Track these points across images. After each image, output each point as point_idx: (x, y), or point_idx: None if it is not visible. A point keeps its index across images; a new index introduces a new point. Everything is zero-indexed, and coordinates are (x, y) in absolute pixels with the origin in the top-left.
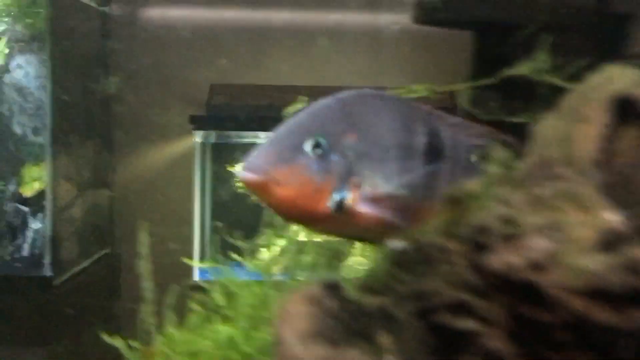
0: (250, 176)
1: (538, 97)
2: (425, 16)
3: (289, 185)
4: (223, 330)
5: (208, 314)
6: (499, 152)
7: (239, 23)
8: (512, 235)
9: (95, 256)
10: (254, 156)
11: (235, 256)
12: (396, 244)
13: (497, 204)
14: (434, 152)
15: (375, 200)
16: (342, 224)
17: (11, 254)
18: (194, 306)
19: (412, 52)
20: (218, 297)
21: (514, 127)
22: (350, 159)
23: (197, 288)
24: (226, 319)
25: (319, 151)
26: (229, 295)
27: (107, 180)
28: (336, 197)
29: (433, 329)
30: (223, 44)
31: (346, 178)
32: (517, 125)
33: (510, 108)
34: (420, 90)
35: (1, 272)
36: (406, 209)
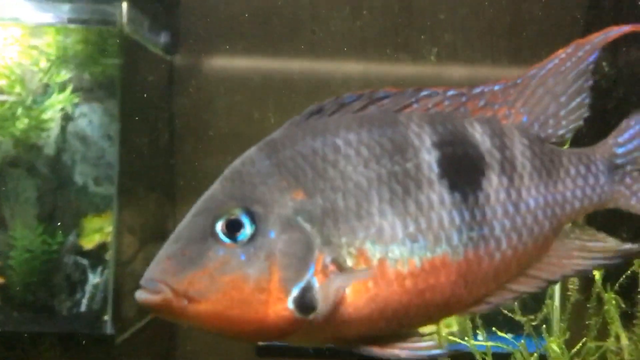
0: (145, 297)
1: None
2: None
3: (205, 296)
4: None
5: None
6: None
7: (305, 73)
8: None
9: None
10: (152, 264)
11: None
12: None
13: None
14: (461, 168)
15: (373, 278)
16: (324, 327)
17: (69, 309)
18: None
19: None
20: None
21: None
22: (304, 227)
23: (265, 350)
24: None
25: (242, 232)
26: None
27: (168, 232)
28: (295, 291)
29: None
30: (290, 93)
31: (306, 258)
32: None
33: None
34: None
35: (59, 329)
36: (435, 277)
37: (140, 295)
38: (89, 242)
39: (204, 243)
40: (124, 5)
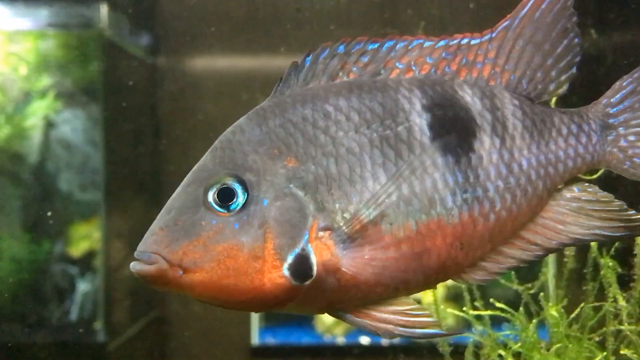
0: (139, 268)
1: None
2: None
3: (200, 266)
4: None
5: None
6: None
7: (291, 53)
8: None
9: (146, 319)
10: (145, 236)
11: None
12: None
13: None
14: (453, 131)
15: (368, 241)
16: (321, 295)
17: (59, 319)
18: None
19: None
20: None
21: None
22: (297, 194)
23: (260, 352)
24: None
25: (234, 201)
26: None
27: None
28: (290, 258)
29: None
30: (278, 76)
31: (300, 225)
32: None
33: None
34: None
35: (50, 339)
36: (431, 240)
37: (135, 266)
38: (77, 250)
39: (197, 213)
40: (104, 8)
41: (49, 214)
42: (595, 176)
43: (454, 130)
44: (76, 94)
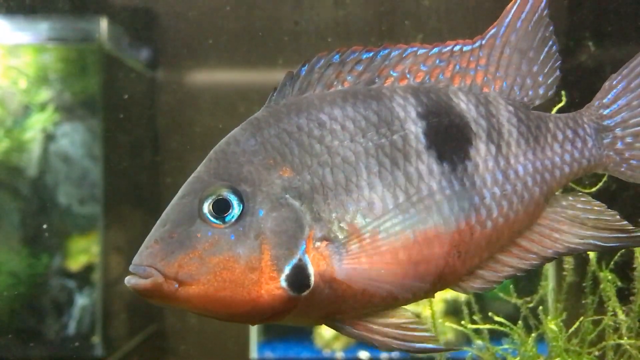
0: (134, 282)
1: None
2: None
3: (196, 278)
4: None
5: None
6: None
7: (289, 66)
8: None
9: (144, 334)
10: (140, 249)
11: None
12: None
13: None
14: (448, 138)
15: (365, 250)
16: (318, 305)
17: (57, 333)
18: None
19: None
20: None
21: None
22: (293, 204)
23: None
24: None
25: (230, 212)
26: None
27: None
28: (287, 269)
29: None
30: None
31: (296, 235)
32: None
33: None
34: None
35: (48, 354)
36: (429, 248)
37: (130, 280)
38: (75, 264)
39: (192, 225)
40: (103, 22)
41: (48, 227)
42: (595, 189)
43: (449, 137)
44: (75, 107)
